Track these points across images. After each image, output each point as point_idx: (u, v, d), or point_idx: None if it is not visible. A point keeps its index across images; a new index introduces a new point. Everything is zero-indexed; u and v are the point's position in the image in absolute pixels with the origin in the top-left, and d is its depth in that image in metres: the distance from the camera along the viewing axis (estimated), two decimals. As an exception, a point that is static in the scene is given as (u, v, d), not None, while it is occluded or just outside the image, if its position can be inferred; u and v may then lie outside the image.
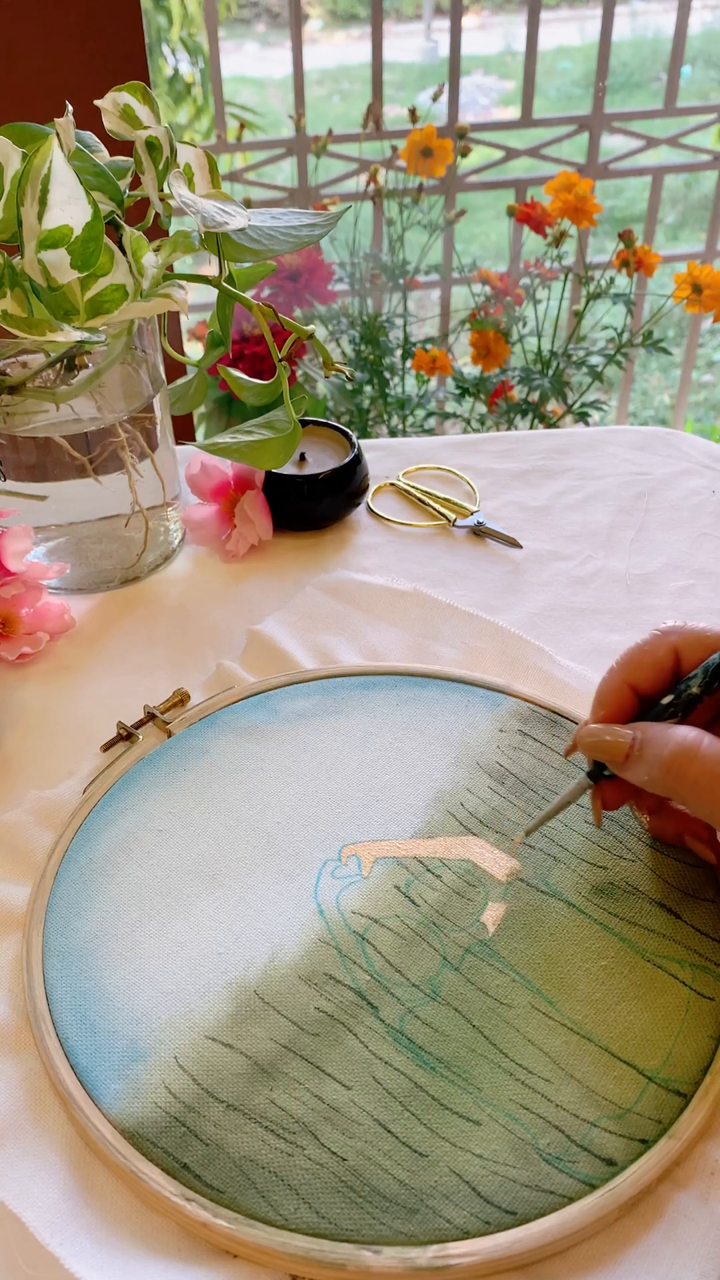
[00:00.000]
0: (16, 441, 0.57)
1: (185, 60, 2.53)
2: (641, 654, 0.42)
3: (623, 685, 0.42)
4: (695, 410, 2.67)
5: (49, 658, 0.58)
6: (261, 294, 1.56)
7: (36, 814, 0.48)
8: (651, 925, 0.42)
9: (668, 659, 0.42)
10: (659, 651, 0.42)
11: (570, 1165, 0.36)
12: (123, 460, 0.58)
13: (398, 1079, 0.38)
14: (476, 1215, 0.35)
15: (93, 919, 0.43)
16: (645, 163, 1.89)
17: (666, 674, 0.42)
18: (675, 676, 0.42)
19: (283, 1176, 0.36)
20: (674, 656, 0.42)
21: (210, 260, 0.57)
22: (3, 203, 0.50)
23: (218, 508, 0.64)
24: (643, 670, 0.42)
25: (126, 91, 0.55)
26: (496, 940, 0.42)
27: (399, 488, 0.70)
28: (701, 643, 0.42)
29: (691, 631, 0.42)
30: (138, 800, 0.48)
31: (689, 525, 0.67)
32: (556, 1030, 0.39)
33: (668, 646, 0.42)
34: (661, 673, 0.42)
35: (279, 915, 0.43)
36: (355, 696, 0.53)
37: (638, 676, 0.42)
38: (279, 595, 0.61)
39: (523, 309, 1.54)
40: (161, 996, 0.41)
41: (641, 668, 0.42)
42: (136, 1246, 0.35)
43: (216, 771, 0.49)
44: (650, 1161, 0.36)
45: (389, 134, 1.63)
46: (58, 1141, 0.37)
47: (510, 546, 0.65)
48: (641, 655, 0.42)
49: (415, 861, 0.45)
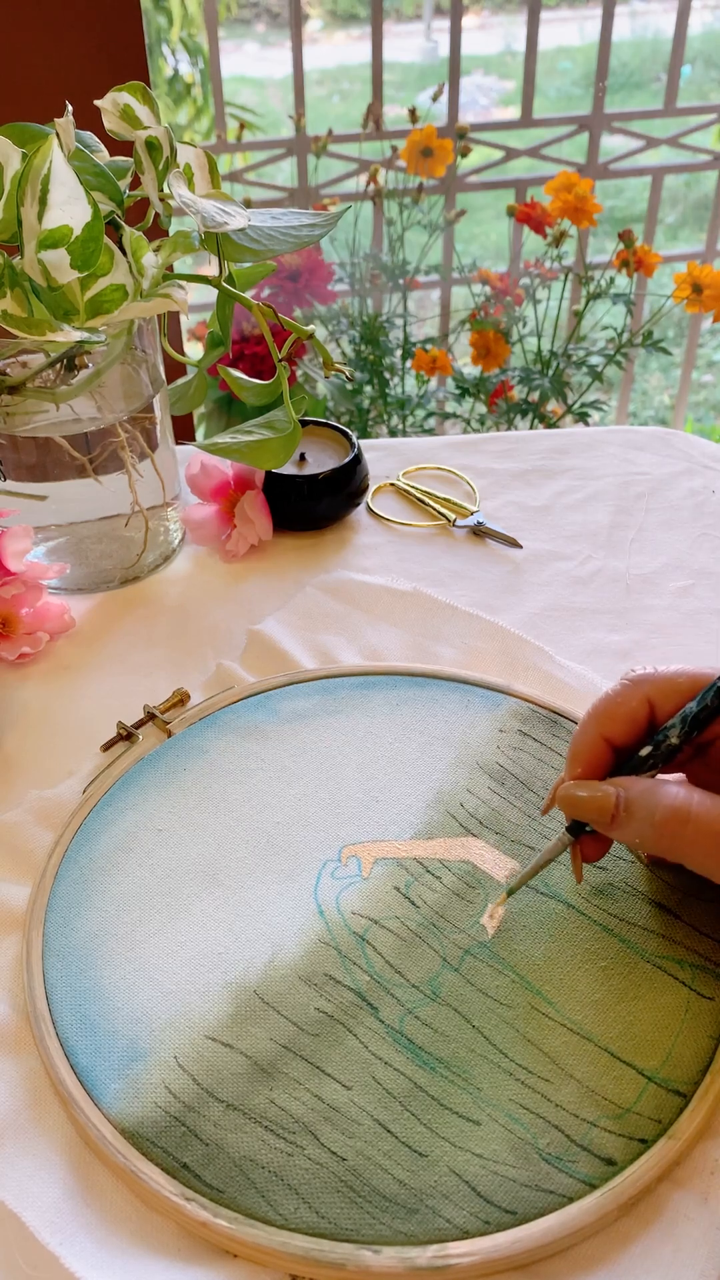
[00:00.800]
0: (16, 441, 0.57)
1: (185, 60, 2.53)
2: (614, 706, 0.41)
3: (597, 739, 0.41)
4: (695, 410, 2.67)
5: (49, 658, 0.58)
6: (261, 294, 1.56)
7: (36, 814, 0.48)
8: (651, 925, 0.42)
9: (641, 710, 0.41)
10: (632, 702, 0.41)
11: (570, 1165, 0.36)
12: (123, 460, 0.58)
13: (397, 1079, 0.38)
14: (476, 1215, 0.35)
15: (93, 919, 0.43)
16: (645, 163, 1.89)
17: (641, 725, 0.41)
18: (650, 726, 0.41)
19: (282, 1176, 0.36)
20: (647, 706, 0.41)
21: (210, 260, 0.57)
22: (3, 203, 0.50)
23: (218, 508, 0.64)
24: (616, 723, 0.41)
25: (126, 91, 0.55)
26: (496, 941, 0.42)
27: (399, 488, 0.70)
28: (674, 689, 0.41)
29: (663, 678, 0.41)
30: (138, 800, 0.48)
31: (689, 525, 0.67)
32: (556, 1030, 0.39)
33: (640, 697, 0.41)
34: (636, 724, 0.41)
35: (279, 915, 0.43)
36: (355, 696, 0.53)
37: (612, 730, 0.41)
38: (279, 595, 0.61)
39: (523, 309, 1.54)
40: (161, 996, 0.41)
41: (615, 720, 0.41)
42: (136, 1246, 0.35)
43: (216, 771, 0.49)
44: (650, 1161, 0.36)
45: (389, 134, 1.63)
46: (58, 1141, 0.37)
47: (510, 546, 0.65)
48: (614, 707, 0.41)
49: (415, 863, 0.45)
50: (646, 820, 0.38)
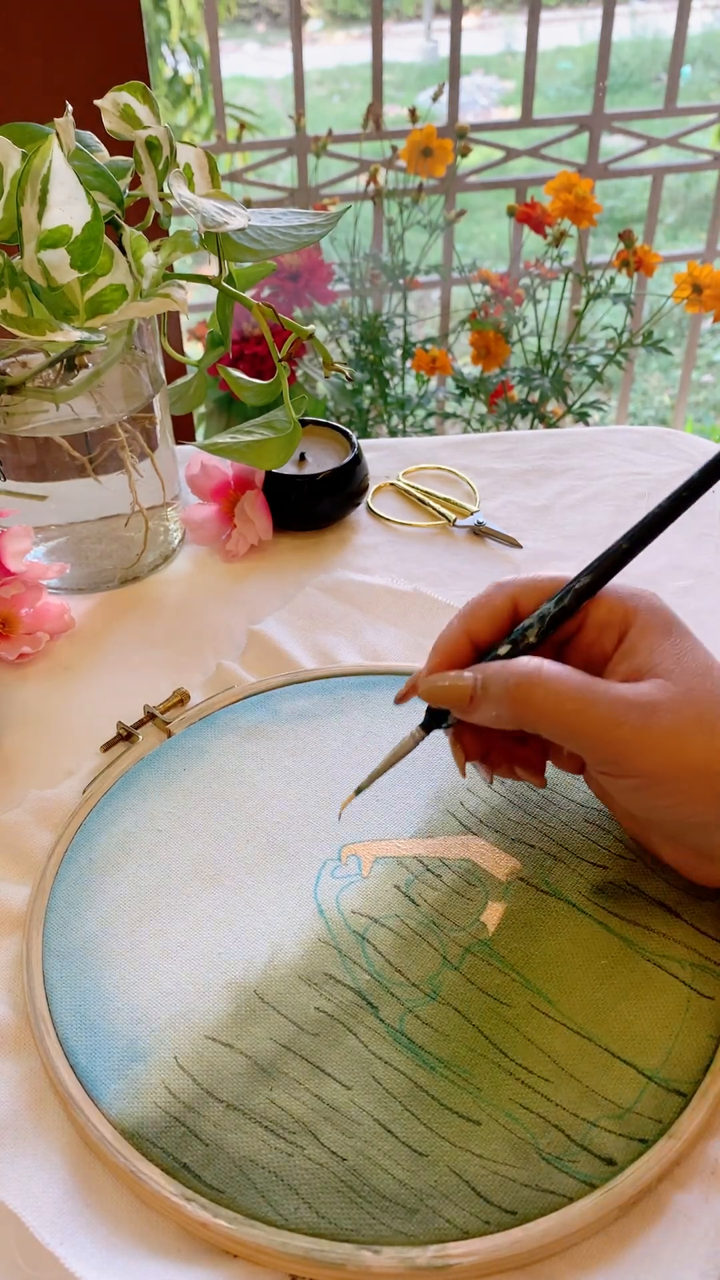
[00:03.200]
0: (16, 441, 0.57)
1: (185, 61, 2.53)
2: (479, 605, 0.43)
3: (461, 636, 0.42)
4: (695, 410, 2.67)
5: (49, 658, 0.58)
6: (261, 294, 1.56)
7: (36, 814, 0.48)
8: (651, 924, 0.42)
9: (505, 608, 0.42)
10: (496, 601, 0.42)
11: (570, 1165, 0.36)
12: (123, 460, 0.58)
13: (398, 1079, 0.38)
14: (476, 1215, 0.35)
15: (92, 919, 0.43)
16: (645, 163, 1.89)
17: (504, 624, 0.42)
18: (512, 624, 0.43)
19: (283, 1176, 0.36)
20: (512, 606, 0.42)
21: (210, 260, 0.57)
22: (3, 203, 0.50)
23: (218, 508, 0.64)
24: (480, 621, 0.42)
25: (126, 91, 0.55)
26: (496, 940, 0.42)
27: (399, 488, 0.70)
28: (537, 589, 0.42)
29: (528, 580, 0.43)
30: (137, 800, 0.48)
31: (689, 525, 0.67)
32: (556, 1030, 0.39)
33: (505, 596, 0.42)
34: (499, 622, 0.42)
35: (279, 915, 0.43)
36: (355, 696, 0.53)
37: (475, 627, 0.42)
38: (279, 595, 0.61)
39: (523, 309, 1.54)
40: (161, 996, 0.41)
41: (479, 619, 0.42)
42: (136, 1246, 0.35)
43: (217, 771, 0.49)
44: (650, 1161, 0.36)
45: (389, 134, 1.63)
46: (58, 1141, 0.37)
47: (510, 546, 0.65)
48: (479, 607, 0.43)
49: (415, 861, 0.45)
50: (501, 692, 0.39)
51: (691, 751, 0.37)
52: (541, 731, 0.39)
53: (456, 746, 0.44)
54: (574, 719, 0.38)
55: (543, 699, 0.38)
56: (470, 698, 0.40)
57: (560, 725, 0.38)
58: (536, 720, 0.39)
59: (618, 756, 0.38)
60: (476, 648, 0.43)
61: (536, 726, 0.39)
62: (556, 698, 0.38)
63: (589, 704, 0.38)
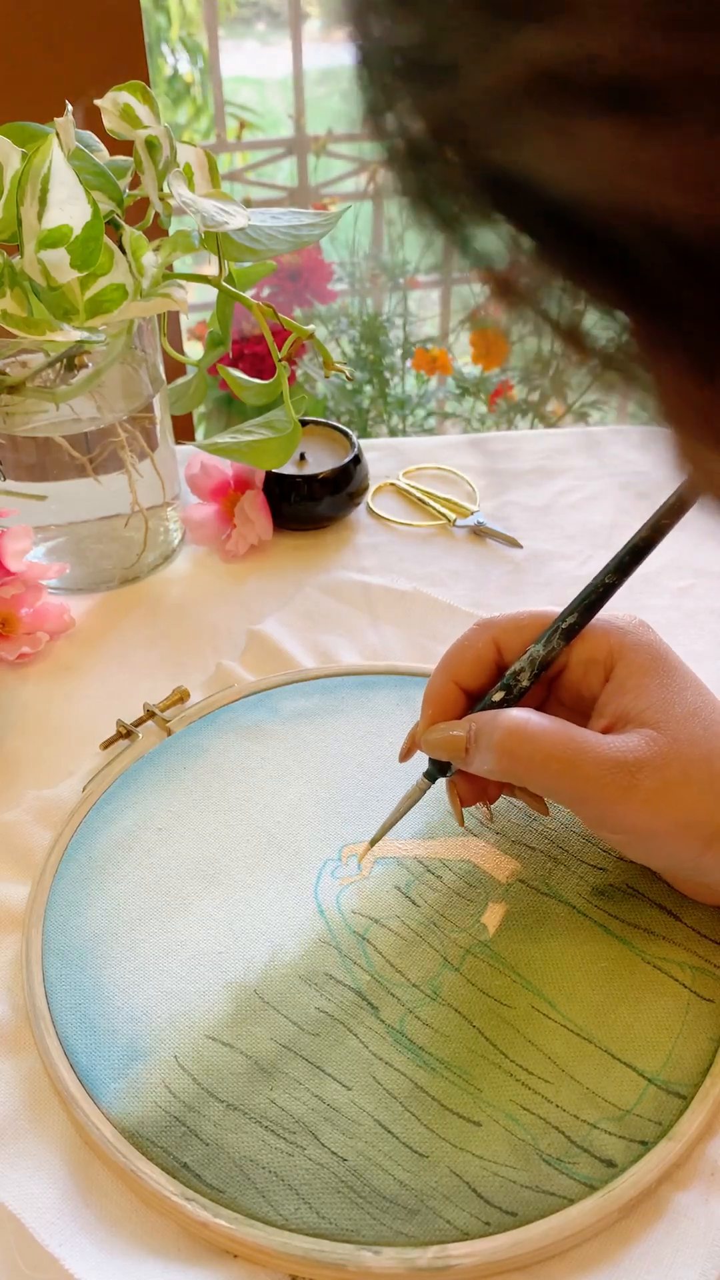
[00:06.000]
0: (16, 441, 0.57)
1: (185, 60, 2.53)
2: (462, 650, 0.42)
3: (448, 684, 0.42)
4: (695, 410, 2.67)
5: (49, 658, 0.58)
6: (261, 294, 1.56)
7: (36, 813, 0.48)
8: (651, 927, 0.42)
9: (488, 652, 0.42)
10: (479, 645, 0.42)
11: (570, 1167, 0.36)
12: (123, 460, 0.58)
13: (398, 1079, 0.38)
14: (477, 1216, 0.35)
15: (92, 918, 0.43)
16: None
17: (490, 667, 0.42)
18: (498, 668, 0.42)
19: (283, 1176, 0.36)
20: (494, 648, 0.42)
21: (210, 260, 0.57)
22: (3, 202, 0.50)
23: (218, 508, 0.64)
24: (465, 666, 0.42)
25: (126, 91, 0.54)
26: (497, 941, 0.42)
27: (399, 488, 0.70)
28: (518, 629, 0.42)
29: (507, 619, 0.42)
30: (137, 799, 0.48)
31: (689, 525, 0.67)
32: (557, 1031, 0.39)
33: (486, 640, 0.42)
34: (485, 667, 0.42)
35: (279, 915, 0.43)
36: (355, 696, 0.52)
37: (461, 673, 0.42)
38: (279, 595, 0.61)
39: (523, 309, 1.53)
40: (161, 996, 0.41)
41: (464, 664, 0.42)
42: (136, 1246, 0.35)
43: (216, 770, 0.49)
44: (650, 1163, 0.36)
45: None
46: (58, 1141, 0.37)
47: (510, 546, 0.65)
48: (462, 652, 0.42)
49: (415, 862, 0.45)
50: (489, 745, 0.39)
51: (679, 808, 0.37)
52: (529, 786, 0.39)
53: (453, 795, 0.43)
54: (559, 779, 0.38)
55: (529, 755, 0.38)
56: (465, 750, 0.40)
57: (545, 783, 0.38)
58: (523, 775, 0.39)
59: (603, 815, 0.38)
60: (467, 694, 0.42)
61: (524, 781, 0.39)
62: (542, 754, 0.38)
63: (574, 763, 0.37)
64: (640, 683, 0.39)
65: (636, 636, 0.41)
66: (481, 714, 0.40)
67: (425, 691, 0.43)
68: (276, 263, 1.34)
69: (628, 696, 0.39)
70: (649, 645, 0.41)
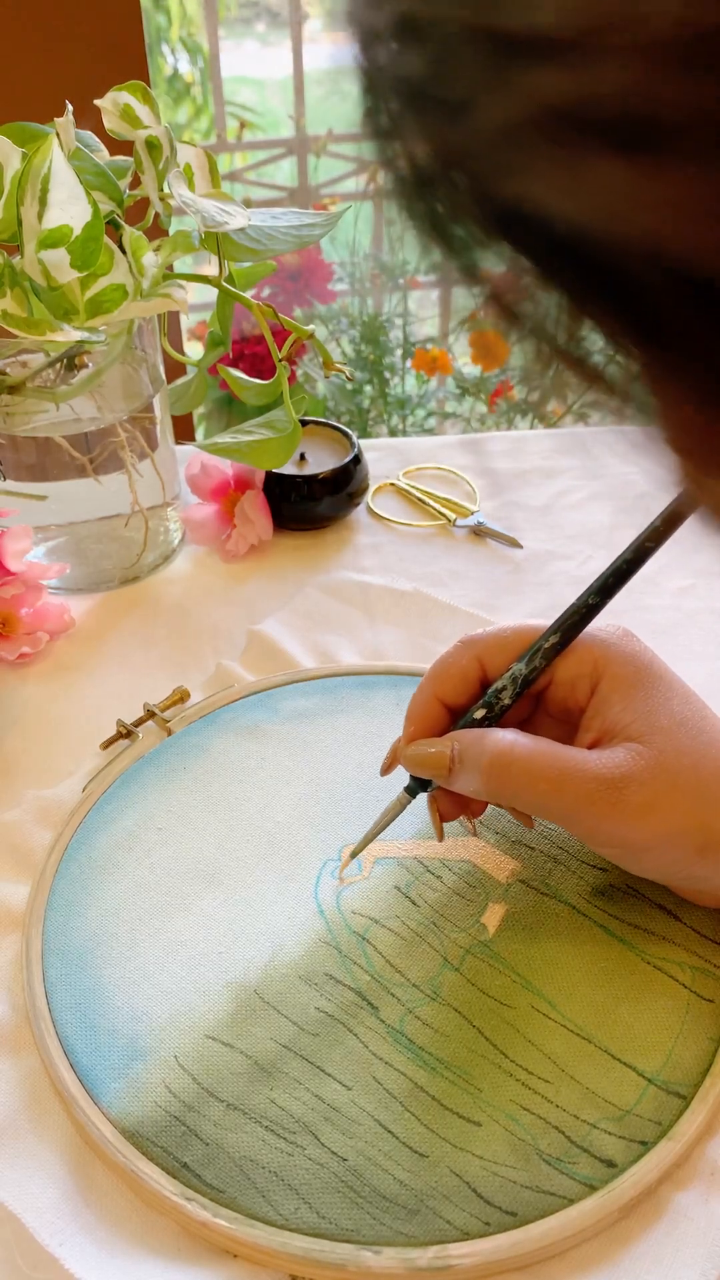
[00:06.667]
0: (16, 441, 0.57)
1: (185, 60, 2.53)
2: (446, 667, 0.42)
3: (431, 699, 0.42)
4: (695, 410, 2.67)
5: (49, 658, 0.58)
6: (261, 294, 1.56)
7: (36, 813, 0.48)
8: (651, 927, 0.42)
9: (472, 668, 0.42)
10: (463, 662, 0.42)
11: (570, 1167, 0.36)
12: (123, 460, 0.58)
13: (398, 1079, 0.38)
14: (477, 1216, 0.35)
15: (92, 918, 0.43)
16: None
17: (473, 683, 0.42)
18: (481, 685, 0.42)
19: (283, 1176, 0.36)
20: (478, 665, 0.42)
21: (210, 260, 0.57)
22: (3, 202, 0.50)
23: (218, 508, 0.64)
24: (448, 683, 0.42)
25: (126, 91, 0.54)
26: (497, 941, 0.42)
27: (399, 488, 0.70)
28: (501, 645, 0.42)
29: (491, 636, 0.42)
30: (137, 799, 0.48)
31: (689, 526, 0.67)
32: (556, 1031, 0.39)
33: (470, 656, 0.42)
34: (468, 683, 0.42)
35: (279, 915, 0.43)
36: (355, 696, 0.52)
37: (444, 689, 0.42)
38: (279, 595, 0.61)
39: (523, 309, 1.53)
40: (161, 996, 0.41)
41: (447, 680, 0.42)
42: (136, 1246, 0.35)
43: (217, 770, 0.49)
44: (650, 1163, 0.36)
45: (389, 134, 1.62)
46: (58, 1141, 0.37)
47: (510, 546, 0.65)
48: (445, 668, 0.42)
49: (415, 862, 0.45)
50: (475, 766, 0.39)
51: (667, 820, 0.37)
52: (518, 807, 0.40)
53: (433, 810, 0.43)
54: (546, 799, 0.38)
55: (516, 777, 0.38)
56: (449, 769, 0.40)
57: (533, 803, 0.38)
58: (512, 798, 0.39)
59: (593, 831, 0.38)
60: (450, 710, 0.42)
61: (512, 803, 0.39)
62: (529, 776, 0.38)
63: (561, 783, 0.37)
64: (625, 695, 0.39)
65: (621, 648, 0.41)
66: (464, 733, 0.40)
67: (409, 706, 0.43)
68: (277, 263, 1.34)
69: (613, 710, 0.39)
70: (634, 656, 0.40)
